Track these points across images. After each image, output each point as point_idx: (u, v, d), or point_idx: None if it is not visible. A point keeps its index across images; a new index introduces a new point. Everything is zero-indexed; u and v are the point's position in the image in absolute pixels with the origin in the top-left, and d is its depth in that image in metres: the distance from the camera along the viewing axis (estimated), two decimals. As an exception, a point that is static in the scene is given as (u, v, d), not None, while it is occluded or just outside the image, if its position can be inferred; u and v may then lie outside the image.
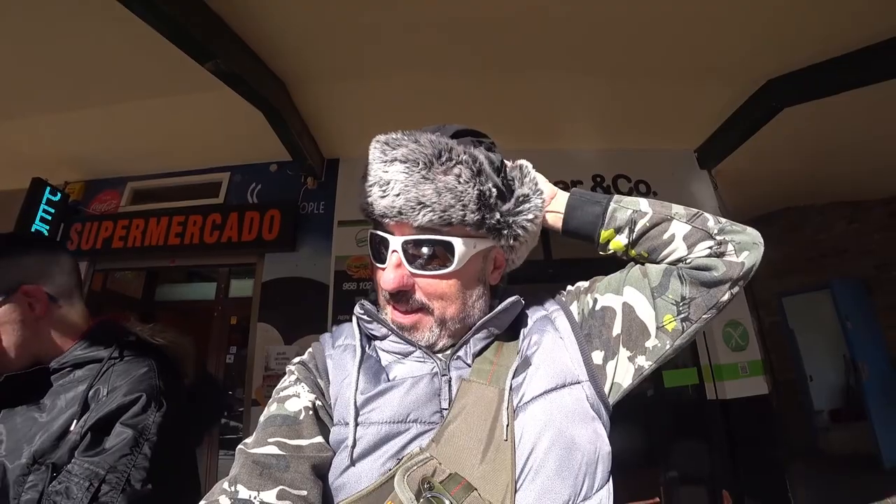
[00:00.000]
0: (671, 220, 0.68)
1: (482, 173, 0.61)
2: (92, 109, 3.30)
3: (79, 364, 0.88)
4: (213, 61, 2.51)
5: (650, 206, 0.71)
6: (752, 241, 0.66)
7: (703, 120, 3.71)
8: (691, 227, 0.67)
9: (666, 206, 0.71)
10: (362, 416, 0.59)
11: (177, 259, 3.91)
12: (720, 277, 0.64)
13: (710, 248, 0.65)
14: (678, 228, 0.68)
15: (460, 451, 0.55)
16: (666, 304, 0.66)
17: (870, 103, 3.29)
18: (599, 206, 0.72)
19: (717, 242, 0.66)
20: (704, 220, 0.68)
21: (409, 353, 0.65)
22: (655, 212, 0.70)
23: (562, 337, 0.67)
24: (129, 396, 0.82)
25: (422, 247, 0.60)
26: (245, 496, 0.49)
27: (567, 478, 0.54)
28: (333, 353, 0.69)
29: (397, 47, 2.76)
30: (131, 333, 0.97)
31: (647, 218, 0.69)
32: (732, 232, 0.67)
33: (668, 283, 0.67)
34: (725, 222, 0.68)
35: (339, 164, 3.91)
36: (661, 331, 0.66)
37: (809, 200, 5.66)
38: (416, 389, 0.60)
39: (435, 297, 0.62)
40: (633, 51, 2.87)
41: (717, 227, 0.67)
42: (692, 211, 0.70)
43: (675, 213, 0.69)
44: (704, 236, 0.66)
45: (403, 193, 0.58)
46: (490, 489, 0.52)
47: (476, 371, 0.62)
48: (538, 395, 0.59)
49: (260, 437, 0.57)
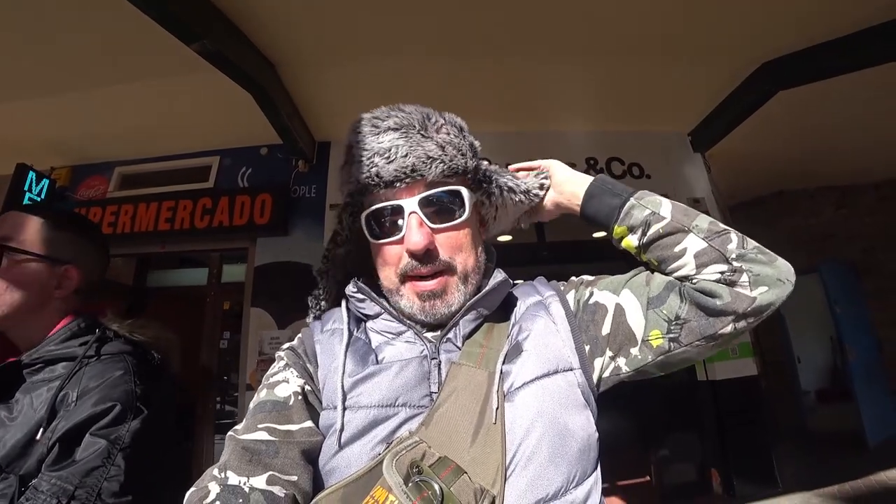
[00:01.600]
0: (688, 232, 0.63)
1: (463, 129, 0.68)
2: (77, 93, 3.23)
3: (51, 361, 0.83)
4: (201, 42, 2.46)
5: (672, 211, 0.65)
6: (776, 276, 0.59)
7: (696, 103, 3.70)
8: (707, 245, 0.61)
9: (690, 215, 0.65)
10: (350, 399, 0.59)
11: (167, 245, 3.86)
12: (722, 307, 0.58)
13: (721, 272, 0.59)
14: (692, 243, 0.62)
15: (450, 434, 0.54)
16: (658, 319, 0.62)
17: (863, 87, 3.30)
18: (618, 199, 0.69)
19: (732, 269, 0.59)
20: (725, 241, 0.61)
21: (401, 332, 0.65)
22: (674, 218, 0.64)
23: (555, 322, 0.67)
24: (101, 406, 0.76)
25: (437, 200, 0.63)
26: (235, 482, 0.50)
27: (560, 464, 0.54)
28: (321, 337, 0.68)
29: (387, 29, 2.71)
30: (108, 329, 0.90)
31: (662, 224, 0.64)
32: (754, 261, 0.59)
33: (667, 298, 0.62)
34: (752, 248, 0.61)
35: (331, 146, 3.87)
36: (645, 344, 0.63)
37: (801, 184, 5.70)
38: (405, 373, 0.60)
39: (456, 250, 0.64)
40: (627, 33, 2.84)
41: (737, 252, 0.60)
42: (718, 227, 0.63)
43: (696, 225, 0.63)
44: (718, 258, 0.60)
45: (412, 153, 0.60)
46: (480, 472, 0.51)
47: (466, 354, 0.62)
48: (530, 381, 0.59)
49: (250, 424, 0.57)
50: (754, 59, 3.16)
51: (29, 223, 0.88)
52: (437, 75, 3.16)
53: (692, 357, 0.63)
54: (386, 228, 0.63)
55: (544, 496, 0.52)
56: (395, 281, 0.65)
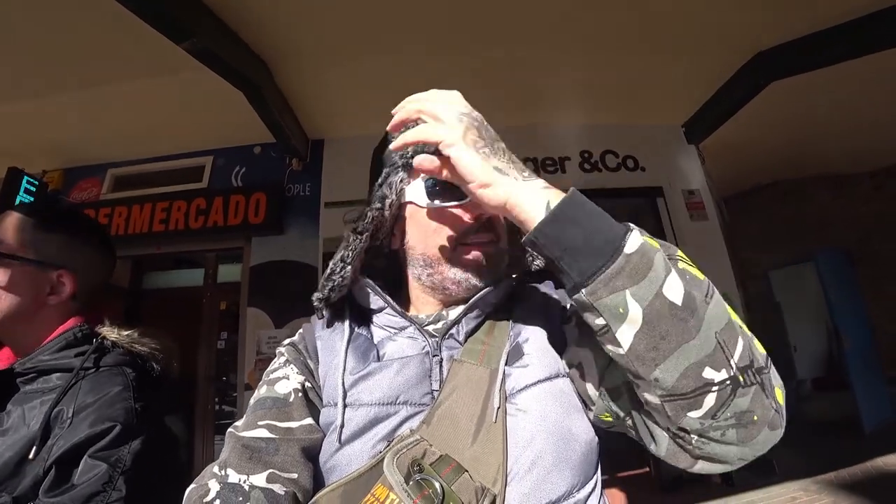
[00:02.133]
0: (644, 381, 0.43)
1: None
2: (67, 94, 3.20)
3: (45, 371, 0.79)
4: (190, 40, 2.43)
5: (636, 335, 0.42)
6: (732, 456, 0.45)
7: (690, 94, 3.70)
8: (660, 404, 0.43)
9: (660, 351, 0.41)
10: (351, 397, 0.58)
11: (162, 246, 3.85)
12: (657, 454, 0.50)
13: (668, 430, 0.46)
14: (646, 390, 0.44)
15: (451, 432, 0.54)
16: (604, 407, 0.56)
17: (856, 76, 3.30)
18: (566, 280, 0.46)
19: (679, 435, 0.45)
20: (689, 406, 0.42)
21: (403, 328, 0.64)
22: (632, 352, 0.42)
23: (553, 325, 0.65)
24: (100, 426, 0.71)
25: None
26: (234, 480, 0.49)
27: (564, 470, 0.53)
28: (323, 333, 0.68)
29: (380, 26, 2.69)
30: (107, 339, 0.85)
31: (617, 351, 0.44)
32: (714, 439, 0.43)
33: (619, 398, 0.53)
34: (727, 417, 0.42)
35: (324, 144, 3.85)
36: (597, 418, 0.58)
37: (795, 174, 5.71)
38: (406, 370, 0.59)
39: (500, 226, 0.65)
40: (620, 25, 2.83)
41: (696, 424, 0.43)
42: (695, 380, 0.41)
43: (657, 378, 0.42)
44: (667, 419, 0.44)
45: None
46: (481, 471, 0.51)
47: (467, 351, 0.61)
48: (532, 384, 0.58)
49: (250, 420, 0.56)
50: (747, 50, 3.15)
51: (14, 224, 0.83)
52: (429, 72, 3.14)
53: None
54: (445, 193, 0.60)
55: (548, 501, 0.51)
56: (450, 247, 0.62)
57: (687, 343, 0.41)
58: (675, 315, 0.41)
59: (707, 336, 0.41)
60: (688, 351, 0.41)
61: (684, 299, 0.42)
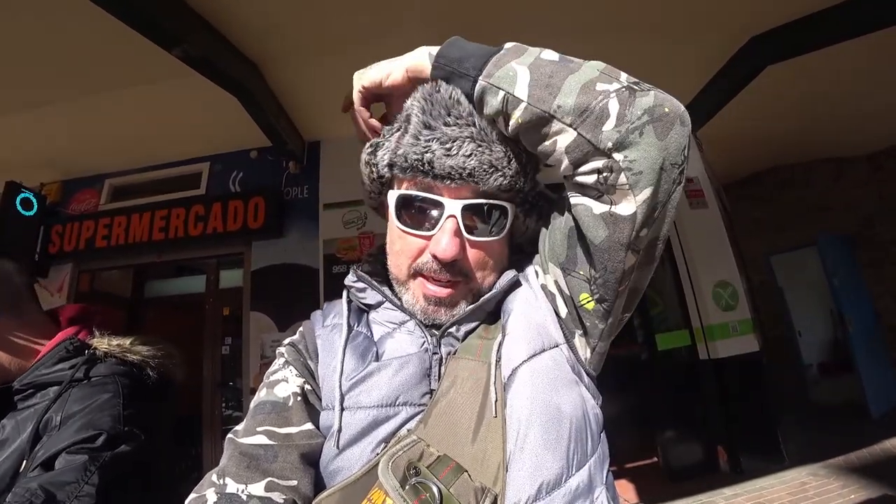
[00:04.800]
0: (551, 118, 0.47)
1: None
2: (62, 106, 3.20)
3: (42, 386, 0.79)
4: (180, 47, 2.43)
5: (530, 84, 0.48)
6: (659, 157, 0.45)
7: (685, 81, 3.67)
8: (576, 135, 0.46)
9: (552, 85, 0.48)
10: (349, 400, 0.57)
11: (163, 254, 3.85)
12: (603, 245, 0.50)
13: (597, 171, 0.47)
14: (561, 133, 0.48)
15: (449, 431, 0.52)
16: (578, 282, 0.55)
17: (852, 57, 3.28)
18: (467, 83, 0.53)
19: (608, 166, 0.46)
20: (601, 117, 0.45)
21: (403, 322, 0.62)
22: (532, 98, 0.48)
23: (536, 296, 0.62)
24: (85, 433, 0.71)
25: (482, 212, 0.57)
26: (233, 489, 0.49)
27: (557, 450, 0.50)
28: (322, 332, 0.66)
29: (371, 18, 2.67)
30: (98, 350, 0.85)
31: (520, 110, 0.49)
32: (635, 143, 0.44)
33: (575, 256, 0.55)
34: (637, 116, 0.44)
35: (321, 146, 3.85)
36: (583, 310, 0.57)
37: (795, 159, 5.68)
38: (405, 370, 0.57)
39: (480, 267, 0.59)
40: (614, 11, 2.81)
41: (615, 133, 0.45)
42: (592, 93, 0.46)
43: (559, 106, 0.47)
44: (591, 151, 0.46)
45: (476, 155, 0.54)
46: (482, 469, 0.49)
47: (465, 347, 0.59)
48: (518, 366, 0.55)
49: (249, 426, 0.56)
50: (742, 34, 3.13)
51: None
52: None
53: (635, 293, 0.56)
54: (415, 218, 0.58)
55: (544, 483, 0.49)
56: (405, 273, 0.61)
57: (572, 73, 0.48)
58: (554, 63, 0.50)
59: (589, 69, 0.48)
60: (575, 78, 0.48)
61: (560, 58, 0.51)
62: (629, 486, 3.51)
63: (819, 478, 3.24)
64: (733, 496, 3.14)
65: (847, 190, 5.59)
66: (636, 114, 0.44)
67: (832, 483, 3.14)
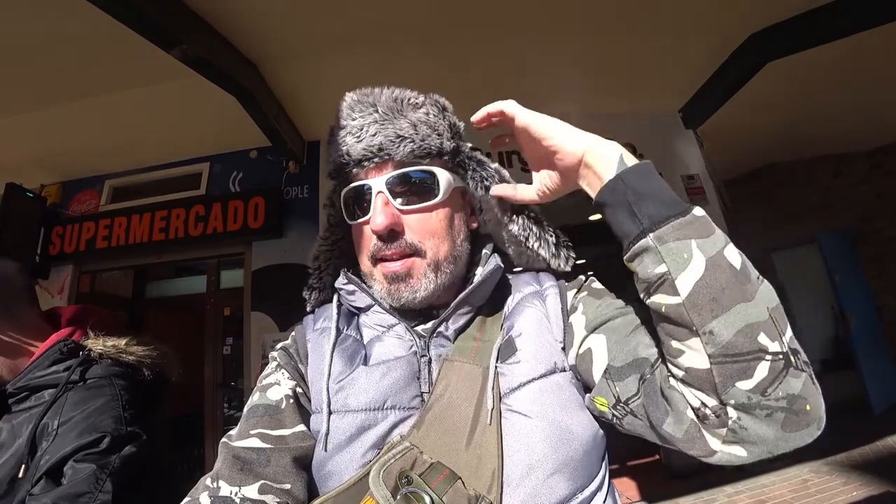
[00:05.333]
0: (694, 333, 0.42)
1: (446, 109, 0.66)
2: (60, 108, 3.20)
3: (36, 388, 0.79)
4: (179, 47, 2.42)
5: (697, 283, 0.42)
6: (771, 443, 0.42)
7: (686, 79, 3.67)
8: (708, 368, 0.42)
9: (719, 302, 0.42)
10: (336, 403, 0.56)
11: (163, 255, 3.85)
12: (667, 435, 0.47)
13: (702, 404, 0.44)
14: (694, 351, 0.43)
15: (443, 436, 0.51)
16: (608, 391, 0.53)
17: (851, 54, 3.27)
18: (633, 226, 0.47)
19: (716, 412, 0.43)
20: (741, 373, 0.41)
21: (392, 325, 0.62)
22: (691, 302, 0.42)
23: (549, 319, 0.62)
24: (88, 437, 0.71)
25: (407, 180, 0.60)
26: (226, 492, 0.49)
27: (565, 472, 0.50)
28: (313, 336, 0.66)
29: (369, 18, 2.66)
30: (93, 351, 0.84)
31: (671, 301, 0.44)
32: (758, 418, 0.41)
33: (626, 377, 0.51)
34: (778, 397, 0.40)
35: (321, 145, 3.83)
36: (590, 401, 0.56)
37: (795, 155, 5.67)
38: (392, 373, 0.57)
39: (427, 235, 0.60)
40: (612, 9, 2.80)
41: (743, 397, 0.41)
42: (751, 341, 0.41)
43: (712, 331, 0.41)
44: (711, 391, 0.43)
45: (381, 132, 0.58)
46: (476, 476, 0.48)
47: (458, 349, 0.58)
48: (527, 382, 0.55)
49: (242, 429, 0.56)
50: (741, 31, 3.12)
51: None
52: (420, 65, 3.12)
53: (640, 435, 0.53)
54: (360, 208, 0.61)
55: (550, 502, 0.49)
56: (368, 264, 0.62)
57: (744, 303, 0.42)
58: (734, 275, 0.43)
59: (761, 305, 0.42)
60: (744, 311, 0.41)
61: (742, 266, 0.44)
62: (631, 483, 3.51)
63: (821, 475, 3.24)
64: (735, 493, 3.15)
65: (847, 186, 5.58)
66: (778, 395, 0.41)
67: (834, 480, 3.14)
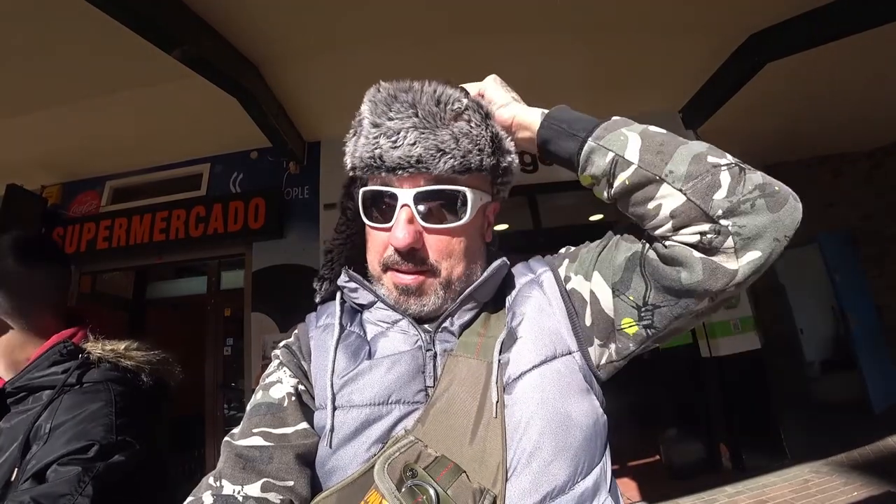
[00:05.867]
0: (661, 182, 0.50)
1: (489, 116, 0.61)
2: (60, 109, 3.20)
3: (34, 389, 0.78)
4: (180, 48, 2.43)
5: (641, 150, 0.52)
6: (773, 232, 0.47)
7: (686, 79, 3.67)
8: (685, 200, 0.49)
9: (666, 153, 0.51)
10: (341, 398, 0.56)
11: (164, 255, 3.86)
12: (689, 286, 0.50)
13: (700, 234, 0.49)
14: (668, 196, 0.50)
15: (448, 430, 0.52)
16: (626, 307, 0.56)
17: (851, 54, 3.27)
18: (575, 143, 0.57)
19: (714, 230, 0.48)
20: (711, 188, 0.48)
21: (396, 321, 0.62)
22: (643, 163, 0.51)
23: (550, 302, 0.62)
24: (77, 444, 0.69)
25: (436, 199, 0.57)
26: (229, 491, 0.49)
27: (565, 458, 0.51)
28: (316, 332, 0.66)
29: (370, 18, 2.66)
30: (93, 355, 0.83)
31: (629, 172, 0.52)
32: (748, 213, 0.47)
33: (631, 281, 0.55)
34: (750, 191, 0.47)
35: (321, 146, 3.85)
36: (620, 333, 0.57)
37: (795, 155, 5.67)
38: (397, 368, 0.57)
39: (444, 256, 0.58)
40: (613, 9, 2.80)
41: (726, 203, 0.47)
42: (704, 164, 0.49)
43: (670, 171, 0.50)
44: (699, 216, 0.48)
45: (421, 142, 0.54)
46: (480, 470, 0.49)
47: (462, 344, 0.59)
48: (528, 370, 0.55)
49: (245, 428, 0.56)
50: (741, 32, 3.13)
51: None
52: (420, 66, 3.12)
53: (680, 330, 0.57)
54: (380, 212, 0.59)
55: (550, 491, 0.49)
56: (378, 268, 0.61)
57: (683, 146, 0.52)
58: (665, 135, 0.54)
59: (696, 145, 0.52)
60: (686, 149, 0.51)
61: (667, 132, 0.55)
62: (632, 483, 3.51)
63: (821, 475, 3.24)
64: (736, 494, 3.14)
65: (848, 186, 5.57)
66: (748, 188, 0.48)
67: (834, 480, 3.14)
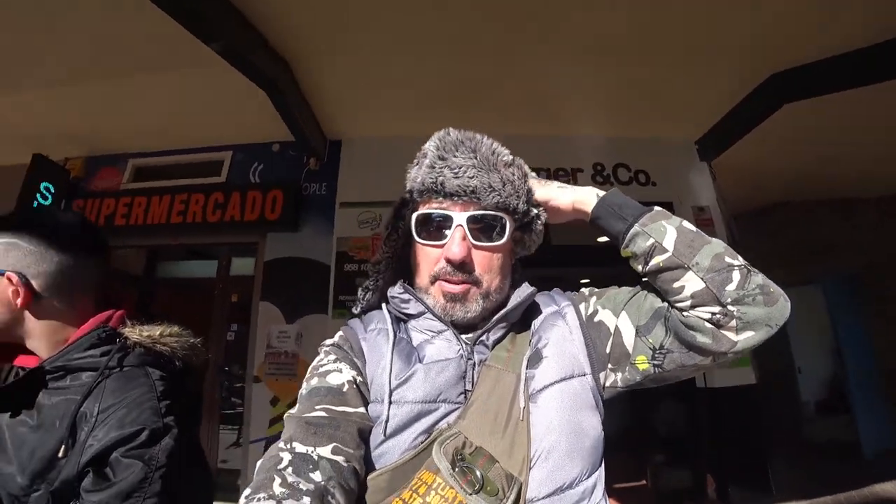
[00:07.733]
0: (687, 269, 0.64)
1: (527, 176, 0.77)
2: (91, 84, 3.28)
3: (74, 370, 0.81)
4: (217, 40, 2.51)
5: (676, 242, 0.67)
6: (765, 321, 0.61)
7: (704, 112, 3.73)
8: (704, 287, 0.63)
9: (695, 248, 0.66)
10: (396, 395, 0.65)
11: (179, 237, 3.92)
12: (701, 346, 0.63)
13: (711, 314, 0.62)
14: (691, 281, 0.64)
15: (483, 427, 0.62)
16: (643, 346, 0.69)
17: (867, 103, 3.32)
18: (623, 225, 0.71)
19: (723, 312, 0.61)
20: (725, 281, 0.62)
21: (442, 331, 0.71)
22: (676, 252, 0.66)
23: (570, 331, 0.74)
24: (128, 430, 0.74)
25: (483, 221, 0.70)
26: (303, 450, 0.54)
27: (575, 458, 0.63)
28: (367, 336, 0.75)
29: (399, 25, 2.73)
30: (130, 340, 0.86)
31: (663, 257, 0.66)
32: (750, 304, 0.61)
33: (653, 328, 0.68)
34: (754, 288, 0.62)
35: (342, 145, 3.93)
36: (632, 366, 0.70)
37: (804, 196, 5.70)
38: (445, 372, 0.67)
39: (486, 270, 0.70)
40: (639, 38, 2.87)
41: (734, 294, 0.61)
42: (722, 262, 0.64)
43: (696, 263, 0.64)
44: (712, 300, 0.62)
45: (478, 177, 0.68)
46: (509, 462, 0.59)
47: (494, 357, 0.70)
48: (550, 384, 0.67)
49: (307, 406, 0.62)
50: (763, 71, 3.19)
51: None
52: (447, 77, 3.19)
53: (678, 377, 0.70)
54: (431, 232, 0.71)
55: (562, 485, 0.61)
56: (426, 280, 0.72)
57: (707, 244, 0.66)
58: (695, 232, 0.68)
59: (717, 245, 0.66)
60: (710, 248, 0.65)
61: (697, 229, 0.70)
62: (617, 505, 3.52)
63: (807, 515, 3.24)
64: (720, 526, 3.15)
65: (855, 231, 5.59)
66: (752, 286, 0.62)
67: (819, 521, 3.14)
